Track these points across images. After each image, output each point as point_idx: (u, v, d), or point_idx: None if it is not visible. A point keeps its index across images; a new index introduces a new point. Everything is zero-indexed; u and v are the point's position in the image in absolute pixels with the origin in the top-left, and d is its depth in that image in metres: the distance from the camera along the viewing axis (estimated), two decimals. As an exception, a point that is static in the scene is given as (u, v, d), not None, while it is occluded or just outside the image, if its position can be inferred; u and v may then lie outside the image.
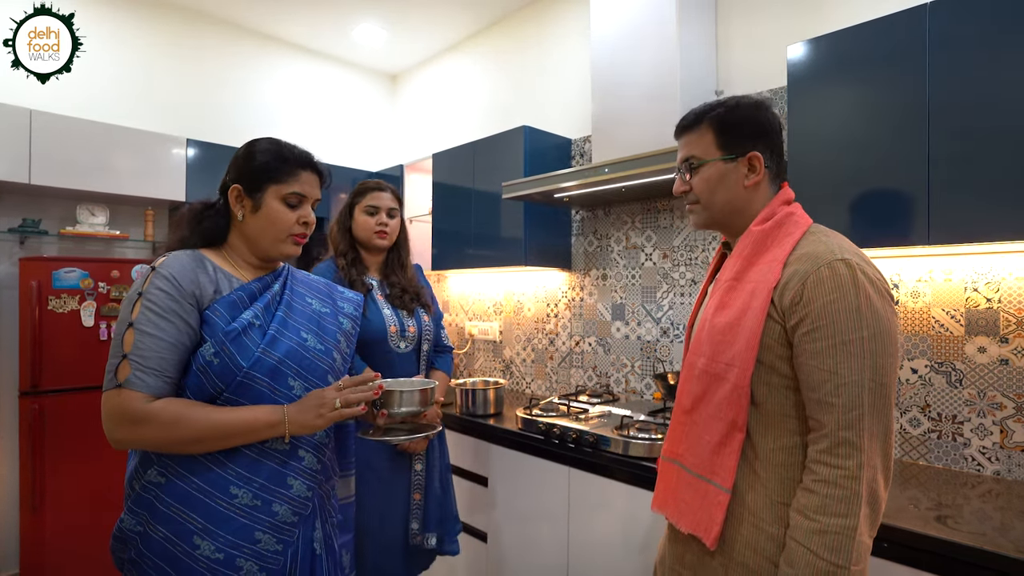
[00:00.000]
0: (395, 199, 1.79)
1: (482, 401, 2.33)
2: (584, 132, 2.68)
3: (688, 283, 2.27)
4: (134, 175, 2.67)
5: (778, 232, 0.98)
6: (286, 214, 1.11)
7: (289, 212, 1.11)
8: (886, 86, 1.48)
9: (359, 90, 3.87)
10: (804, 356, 0.89)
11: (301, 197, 1.12)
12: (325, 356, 1.14)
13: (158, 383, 0.97)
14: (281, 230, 1.11)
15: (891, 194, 1.47)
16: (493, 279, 3.17)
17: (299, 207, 1.13)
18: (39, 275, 2.34)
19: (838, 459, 0.84)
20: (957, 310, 1.64)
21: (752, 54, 2.11)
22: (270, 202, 1.10)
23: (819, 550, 0.83)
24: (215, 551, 0.98)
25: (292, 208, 1.11)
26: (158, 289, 0.99)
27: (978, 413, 1.60)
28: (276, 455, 1.05)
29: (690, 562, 1.03)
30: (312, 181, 1.14)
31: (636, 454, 1.71)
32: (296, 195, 1.11)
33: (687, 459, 1.02)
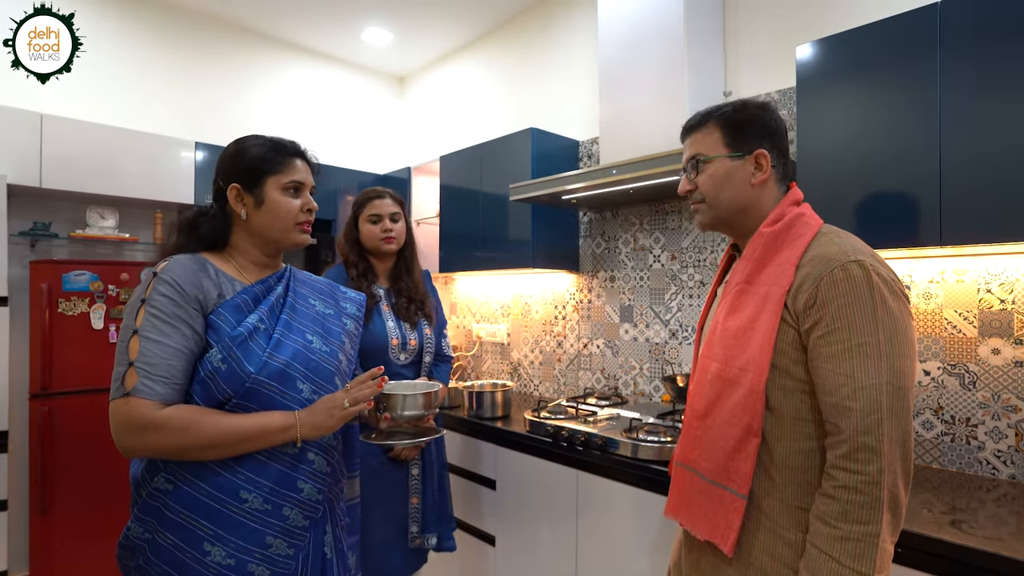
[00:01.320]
0: (396, 203, 1.80)
1: (490, 403, 2.32)
2: (592, 134, 2.67)
3: (697, 285, 2.26)
4: (143, 178, 2.69)
5: (788, 234, 0.97)
6: (289, 203, 1.12)
7: (292, 201, 1.12)
8: (897, 86, 1.47)
9: (367, 92, 3.88)
10: (819, 360, 0.88)
11: (300, 184, 1.14)
12: (331, 357, 1.14)
13: (167, 390, 0.96)
14: (288, 220, 1.12)
15: (902, 195, 1.46)
16: (501, 281, 3.17)
17: (300, 195, 1.14)
18: (49, 278, 2.35)
19: (858, 464, 0.83)
20: (970, 311, 1.62)
21: (760, 55, 2.10)
22: (272, 194, 1.11)
23: (842, 557, 0.82)
24: (226, 557, 0.97)
25: (293, 197, 1.13)
26: (161, 295, 0.98)
27: (992, 416, 1.58)
28: (286, 458, 1.05)
29: (706, 568, 1.02)
30: (306, 169, 1.17)
31: (645, 457, 1.70)
32: (295, 183, 1.13)
33: (701, 465, 1.01)
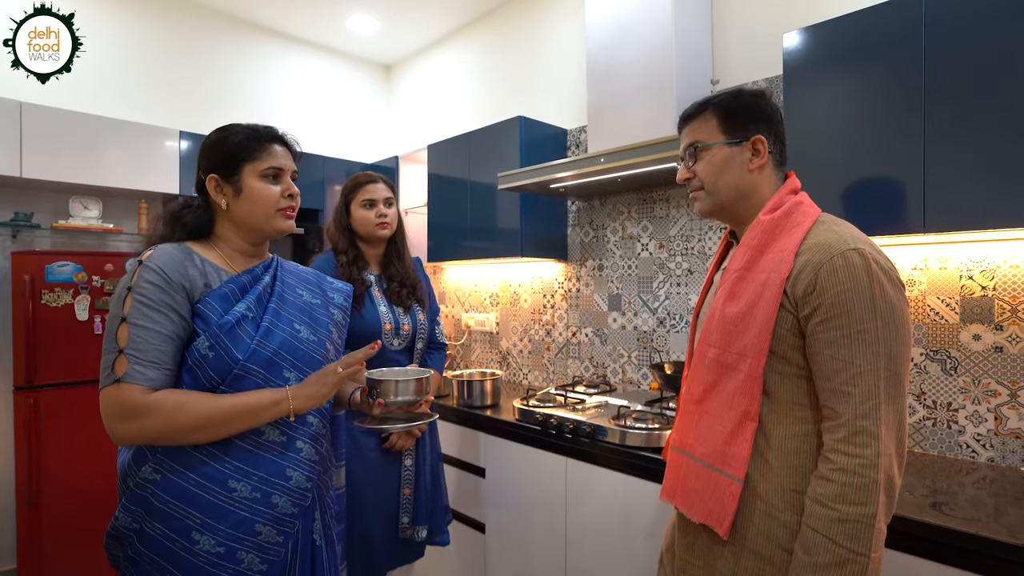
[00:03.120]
0: (389, 188, 1.79)
1: (479, 392, 2.33)
2: (580, 122, 2.66)
3: (684, 273, 2.27)
4: (127, 168, 2.65)
5: (787, 221, 0.99)
6: (268, 190, 1.11)
7: (271, 187, 1.11)
8: (882, 73, 1.48)
9: (353, 81, 3.84)
10: (818, 345, 0.90)
11: (278, 170, 1.12)
12: (318, 347, 1.14)
13: (158, 375, 0.96)
14: (268, 206, 1.11)
15: (887, 182, 1.47)
16: (489, 270, 3.16)
17: (280, 181, 1.13)
18: (32, 269, 2.31)
19: (856, 448, 0.85)
20: (952, 298, 1.65)
21: (748, 42, 2.09)
22: (250, 182, 1.10)
23: (838, 538, 0.83)
24: (215, 545, 0.97)
25: (272, 183, 1.12)
26: (148, 283, 0.98)
27: (973, 400, 1.61)
28: (274, 447, 1.05)
29: (700, 551, 1.04)
30: (285, 154, 1.15)
31: (633, 444, 1.71)
32: (273, 168, 1.11)
33: (697, 449, 1.03)
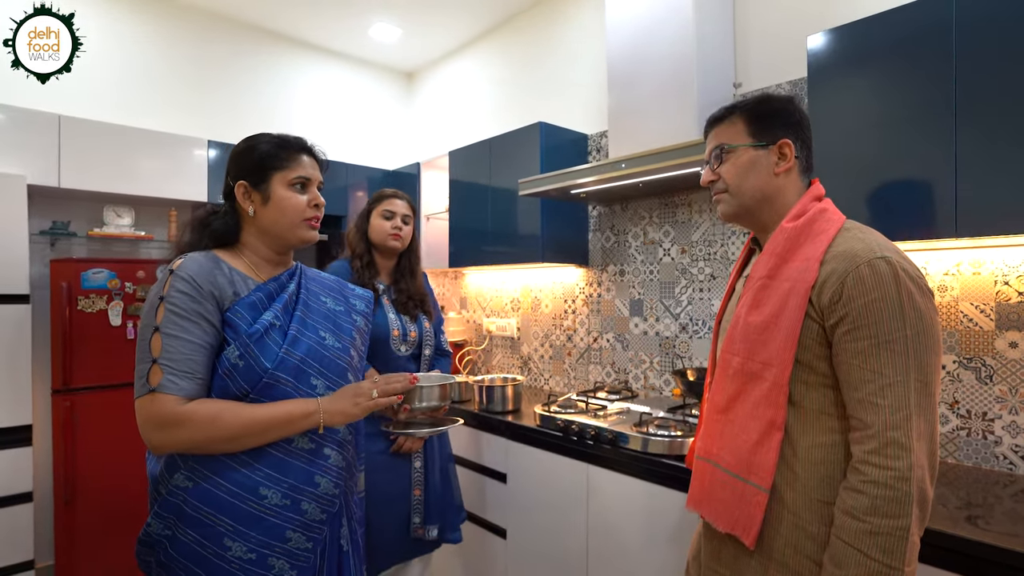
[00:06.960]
0: (410, 207, 1.90)
1: (500, 398, 2.33)
2: (600, 127, 2.65)
3: (707, 278, 2.24)
4: (157, 177, 2.73)
5: (811, 229, 0.97)
6: (296, 199, 1.12)
7: (298, 197, 1.13)
8: (911, 75, 1.44)
9: (376, 89, 3.89)
10: (845, 355, 0.88)
11: (306, 180, 1.14)
12: (343, 354, 1.16)
13: (191, 385, 0.98)
14: (295, 215, 1.12)
15: (917, 185, 1.43)
16: (510, 276, 3.17)
17: (306, 191, 1.15)
18: (68, 276, 2.40)
19: (887, 460, 0.83)
20: (987, 304, 1.60)
21: (770, 45, 2.07)
22: (278, 190, 1.11)
23: (871, 551, 0.82)
24: (247, 551, 0.99)
25: (300, 193, 1.13)
26: (179, 292, 1.00)
27: (1010, 410, 1.56)
28: (303, 454, 1.06)
29: (727, 560, 1.03)
30: (312, 164, 1.17)
31: (655, 451, 1.70)
32: (301, 178, 1.13)
33: (723, 458, 1.02)
